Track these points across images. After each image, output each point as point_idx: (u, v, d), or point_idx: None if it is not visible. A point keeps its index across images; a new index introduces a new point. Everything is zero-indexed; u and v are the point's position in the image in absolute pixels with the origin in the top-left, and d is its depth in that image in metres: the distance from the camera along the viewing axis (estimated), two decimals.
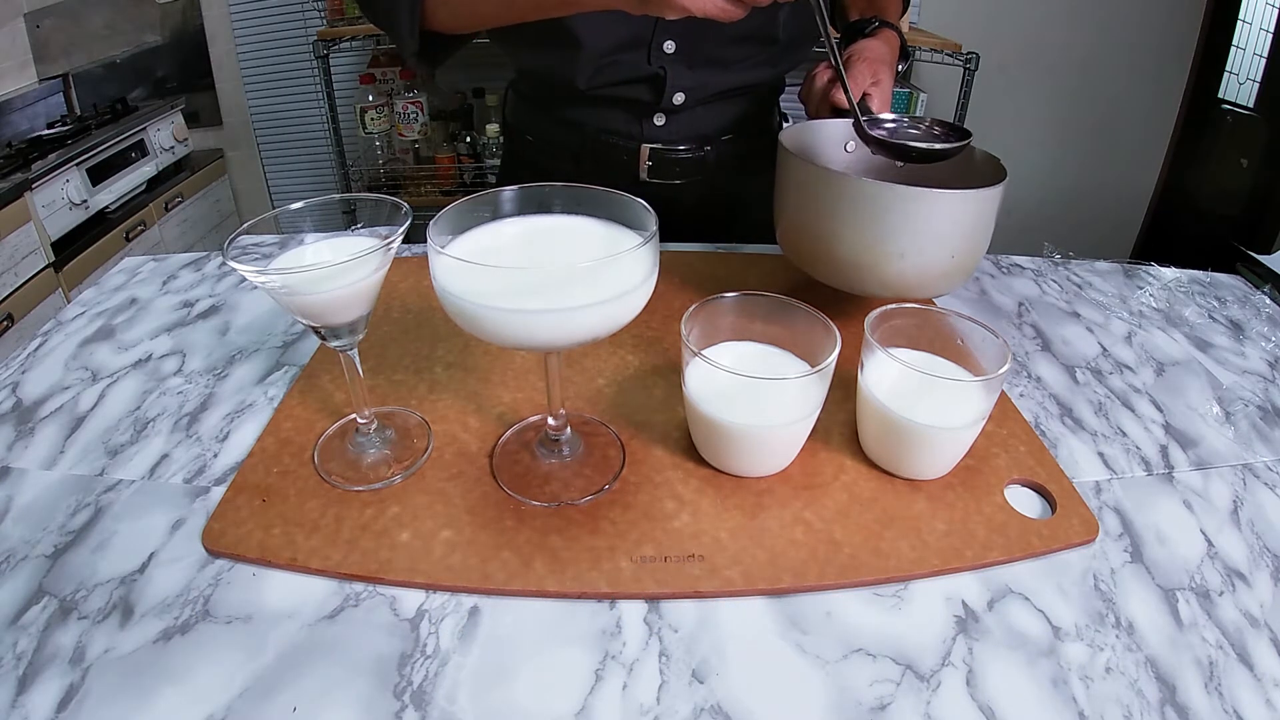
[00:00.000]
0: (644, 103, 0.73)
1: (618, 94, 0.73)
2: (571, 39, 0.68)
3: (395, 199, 0.44)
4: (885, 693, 0.36)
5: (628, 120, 0.75)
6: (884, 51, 0.71)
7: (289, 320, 0.65)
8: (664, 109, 0.74)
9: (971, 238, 0.54)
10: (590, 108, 0.75)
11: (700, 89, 0.73)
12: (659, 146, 0.76)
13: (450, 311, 0.39)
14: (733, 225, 0.84)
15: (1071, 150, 2.26)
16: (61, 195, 1.69)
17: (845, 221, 0.54)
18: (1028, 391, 0.58)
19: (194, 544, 0.43)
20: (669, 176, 0.78)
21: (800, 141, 0.64)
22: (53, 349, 0.62)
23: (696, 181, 0.79)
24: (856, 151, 0.67)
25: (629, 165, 0.77)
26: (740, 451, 0.46)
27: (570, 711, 0.35)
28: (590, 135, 0.77)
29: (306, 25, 2.17)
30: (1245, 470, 0.51)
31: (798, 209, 0.59)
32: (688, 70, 0.71)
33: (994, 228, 0.56)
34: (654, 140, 0.76)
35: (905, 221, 0.52)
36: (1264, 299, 0.73)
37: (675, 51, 0.70)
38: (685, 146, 0.76)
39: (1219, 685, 0.37)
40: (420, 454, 0.49)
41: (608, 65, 0.71)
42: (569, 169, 0.80)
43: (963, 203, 0.52)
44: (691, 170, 0.78)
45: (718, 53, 0.71)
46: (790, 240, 0.62)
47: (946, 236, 0.53)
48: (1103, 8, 2.04)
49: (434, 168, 2.12)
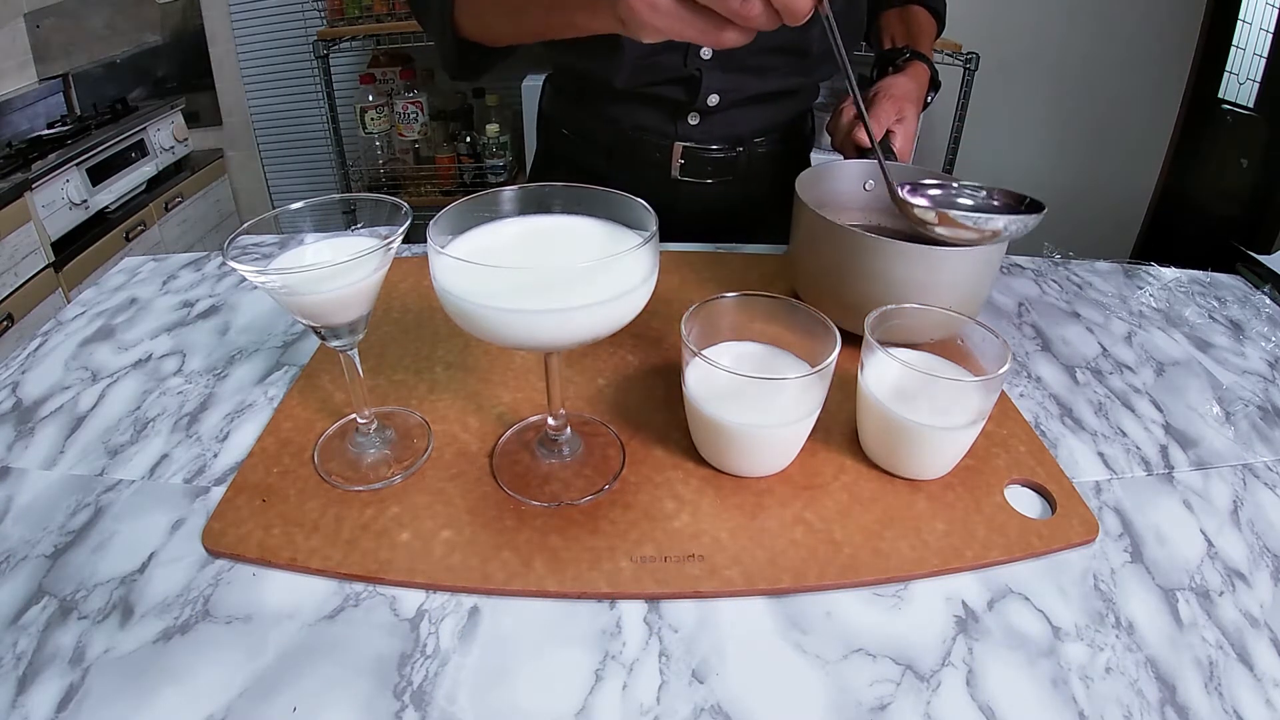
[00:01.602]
0: (679, 102, 0.74)
1: (654, 93, 0.74)
2: (612, 40, 0.68)
3: (395, 199, 0.44)
4: (885, 693, 0.36)
5: (662, 119, 0.76)
6: (911, 88, 0.73)
7: (289, 320, 0.65)
8: (698, 109, 0.74)
9: (970, 288, 0.56)
10: (626, 105, 0.76)
11: (734, 92, 0.74)
12: (692, 145, 0.77)
13: (450, 311, 0.39)
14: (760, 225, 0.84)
15: (1071, 150, 2.26)
16: (61, 195, 1.69)
17: (849, 271, 0.56)
18: (1028, 391, 0.58)
19: (194, 544, 0.43)
20: (701, 176, 0.79)
21: (819, 182, 0.65)
22: (53, 349, 0.62)
23: (728, 181, 0.80)
24: (875, 190, 0.68)
25: (662, 162, 0.78)
26: (740, 451, 0.46)
27: (570, 711, 0.35)
28: (625, 131, 0.77)
29: (306, 25, 2.17)
30: (1245, 470, 0.51)
31: (807, 253, 0.61)
32: (723, 74, 0.72)
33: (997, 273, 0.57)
34: (687, 139, 0.77)
35: (908, 276, 0.53)
36: (1264, 299, 0.73)
37: (712, 56, 0.71)
38: (718, 147, 0.77)
39: (1219, 685, 0.37)
40: (420, 454, 0.49)
41: (646, 66, 0.71)
42: (602, 163, 0.81)
43: (963, 260, 0.53)
44: (723, 170, 0.79)
45: (752, 60, 0.72)
46: (798, 277, 0.64)
47: (946, 288, 0.54)
48: (1103, 8, 2.04)
49: (434, 168, 2.12)
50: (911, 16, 0.83)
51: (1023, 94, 2.18)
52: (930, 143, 2.10)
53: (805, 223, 0.60)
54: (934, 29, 0.85)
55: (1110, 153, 2.23)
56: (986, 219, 0.50)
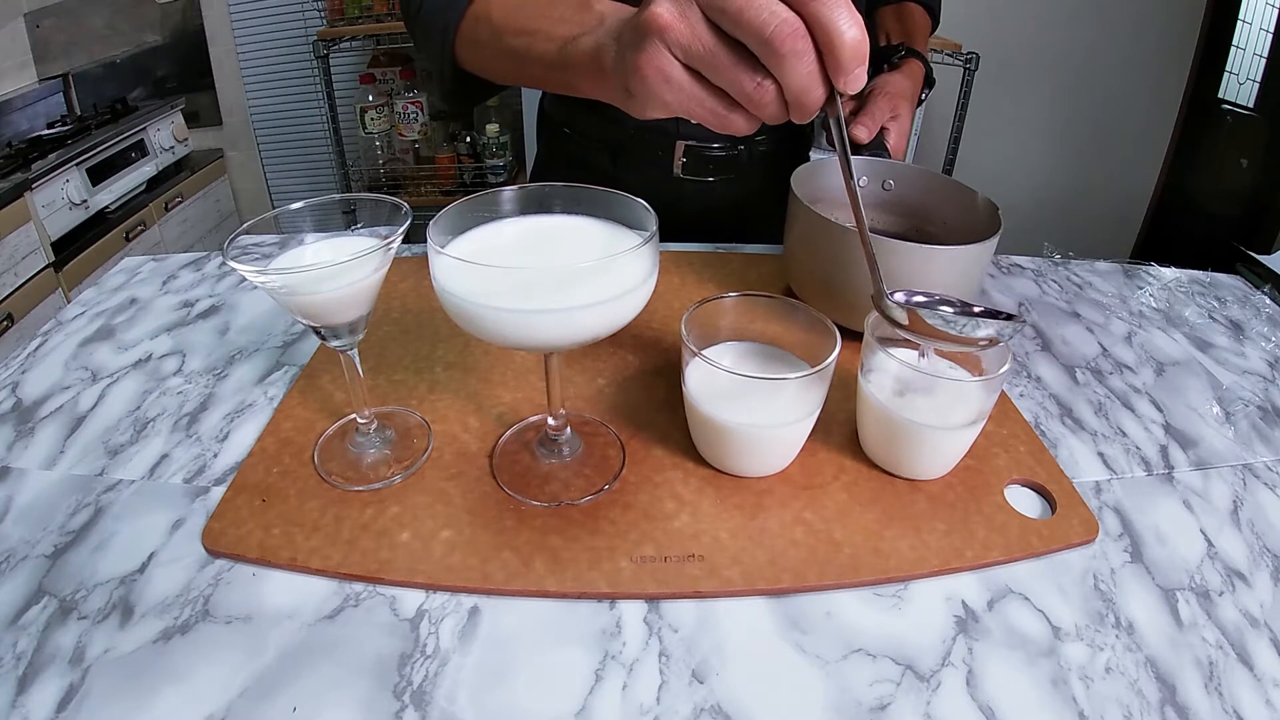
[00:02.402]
0: None
1: None
2: None
3: (395, 199, 0.44)
4: (885, 693, 0.36)
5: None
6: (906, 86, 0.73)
7: (289, 320, 0.65)
8: None
9: (959, 285, 0.56)
10: None
11: None
12: (694, 143, 0.77)
13: (450, 311, 0.39)
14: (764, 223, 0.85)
15: (1071, 150, 2.26)
16: (61, 195, 1.69)
17: (841, 268, 0.56)
18: (1028, 391, 0.58)
19: (194, 544, 0.43)
20: (702, 173, 0.79)
21: (813, 179, 0.65)
22: (53, 349, 0.62)
23: (729, 179, 0.80)
24: (869, 186, 0.69)
25: (664, 160, 0.78)
26: (740, 451, 0.46)
27: (570, 711, 0.35)
28: (626, 130, 0.78)
29: (306, 25, 2.17)
30: (1245, 470, 0.51)
31: (800, 247, 0.61)
32: None
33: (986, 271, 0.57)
34: (689, 137, 0.77)
35: (896, 273, 0.53)
36: (1264, 299, 0.73)
37: None
38: (719, 144, 0.78)
39: (1219, 685, 0.37)
40: (420, 454, 0.49)
41: None
42: (605, 162, 0.81)
43: (952, 258, 0.54)
44: (725, 168, 0.79)
45: None
46: (793, 272, 0.64)
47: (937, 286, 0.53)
48: (1102, 8, 2.04)
49: (434, 168, 2.12)
50: (907, 13, 0.84)
51: (1023, 94, 2.18)
52: (930, 143, 2.10)
53: (799, 219, 0.60)
54: (929, 26, 0.85)
55: (1110, 153, 2.23)
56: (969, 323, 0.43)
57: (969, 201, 0.62)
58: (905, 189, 0.68)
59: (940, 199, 0.66)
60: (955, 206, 0.63)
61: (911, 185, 0.68)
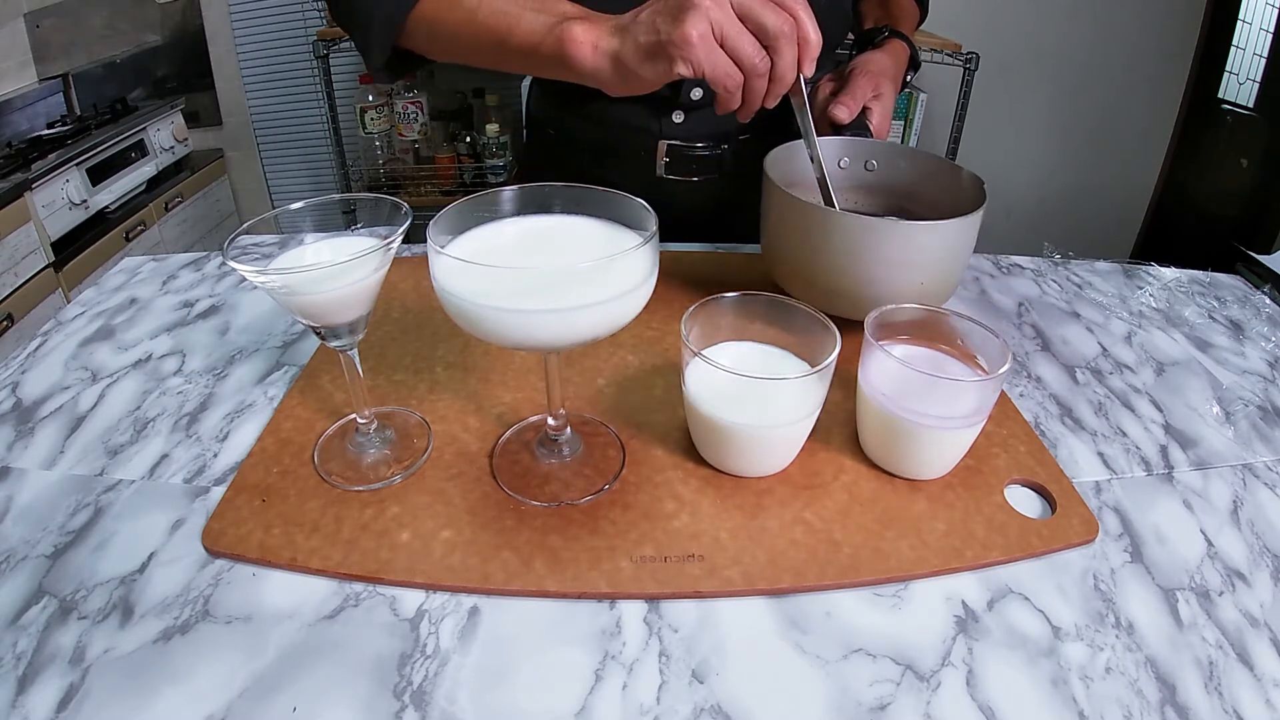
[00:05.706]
0: (663, 99, 0.74)
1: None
2: None
3: (395, 199, 0.44)
4: (885, 693, 0.36)
5: (646, 116, 0.76)
6: (887, 64, 0.72)
7: (289, 320, 0.65)
8: (682, 105, 0.74)
9: (942, 265, 0.55)
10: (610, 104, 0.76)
11: None
12: (677, 143, 0.77)
13: (450, 311, 0.39)
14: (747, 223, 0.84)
15: (1071, 150, 2.26)
16: (61, 195, 1.68)
17: (818, 249, 0.55)
18: (1028, 391, 0.58)
19: (194, 544, 0.43)
20: (686, 174, 0.79)
21: (789, 160, 0.64)
22: (53, 349, 0.62)
23: (713, 179, 0.80)
24: (850, 167, 0.68)
25: (647, 161, 0.78)
26: (740, 451, 0.46)
27: (570, 711, 0.35)
28: (610, 130, 0.78)
29: (306, 25, 2.17)
30: (1245, 470, 0.51)
31: (777, 232, 0.60)
32: None
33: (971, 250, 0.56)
34: (672, 137, 0.76)
35: (875, 251, 0.52)
36: (1264, 299, 0.73)
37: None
38: (702, 144, 0.77)
39: (1219, 685, 0.37)
40: (420, 454, 0.49)
41: None
42: (589, 163, 0.81)
43: (930, 234, 0.53)
44: (708, 168, 0.79)
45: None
46: (771, 259, 0.63)
47: (917, 265, 0.53)
48: (1103, 8, 2.04)
49: (434, 168, 2.12)
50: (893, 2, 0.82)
51: (1023, 94, 2.18)
52: (930, 143, 2.10)
53: (775, 203, 0.58)
54: (916, 16, 0.84)
55: (1110, 153, 2.23)
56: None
57: (954, 178, 0.61)
58: (889, 169, 0.67)
59: (924, 177, 0.64)
60: (940, 184, 0.62)
61: (895, 165, 0.66)
